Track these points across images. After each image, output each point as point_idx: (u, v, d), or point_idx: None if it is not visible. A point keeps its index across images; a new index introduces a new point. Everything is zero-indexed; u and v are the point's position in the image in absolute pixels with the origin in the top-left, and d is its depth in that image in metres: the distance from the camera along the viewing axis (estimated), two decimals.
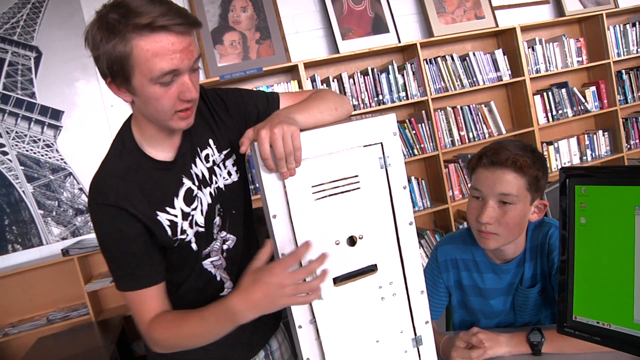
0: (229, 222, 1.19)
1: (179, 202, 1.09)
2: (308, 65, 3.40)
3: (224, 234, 1.18)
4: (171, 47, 0.92)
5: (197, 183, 1.11)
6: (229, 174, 1.18)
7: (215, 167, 1.15)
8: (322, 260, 0.92)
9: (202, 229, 1.13)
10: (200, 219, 1.12)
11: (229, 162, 1.18)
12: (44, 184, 3.17)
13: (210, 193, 1.14)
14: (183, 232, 1.10)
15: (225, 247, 1.19)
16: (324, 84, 3.44)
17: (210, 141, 1.15)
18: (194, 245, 1.13)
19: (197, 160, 1.13)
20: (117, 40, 0.91)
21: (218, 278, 1.20)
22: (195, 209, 1.11)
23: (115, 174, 1.05)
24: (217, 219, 1.16)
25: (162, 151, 1.10)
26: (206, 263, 1.17)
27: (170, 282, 1.14)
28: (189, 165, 1.11)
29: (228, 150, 1.17)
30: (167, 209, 1.07)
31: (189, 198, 1.10)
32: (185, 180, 1.10)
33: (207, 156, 1.14)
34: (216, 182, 1.15)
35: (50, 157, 3.17)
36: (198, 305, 1.16)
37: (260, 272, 0.91)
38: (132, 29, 0.90)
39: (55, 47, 3.16)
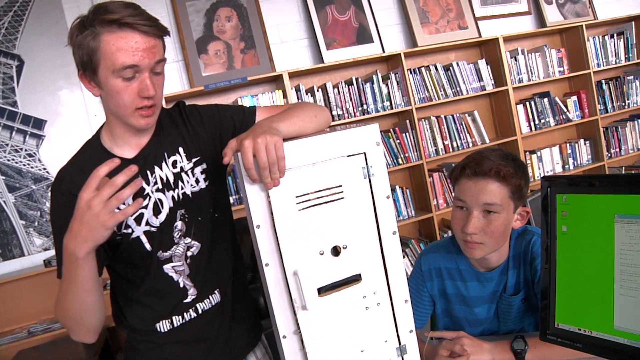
0: (195, 229, 1.21)
1: (129, 199, 1.13)
2: (292, 75, 3.40)
3: (188, 240, 1.20)
4: (134, 44, 1.01)
5: (159, 185, 1.17)
6: (197, 181, 1.22)
7: (183, 174, 1.20)
8: (128, 173, 0.92)
9: (154, 229, 1.16)
10: (152, 218, 1.16)
11: (197, 170, 1.22)
12: (26, 194, 3.13)
13: (173, 197, 1.18)
14: (127, 227, 1.14)
15: (189, 253, 1.21)
16: (309, 94, 3.44)
17: (180, 149, 1.21)
18: (147, 245, 1.16)
19: (163, 164, 1.19)
20: (88, 32, 1.01)
21: (181, 285, 1.21)
22: (145, 207, 1.15)
23: (75, 165, 1.15)
24: (180, 224, 1.19)
25: (126, 150, 1.16)
26: (167, 267, 1.19)
27: (129, 280, 1.20)
28: (149, 167, 1.17)
29: (198, 158, 1.22)
30: None
31: (138, 196, 1.13)
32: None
33: (174, 162, 1.20)
34: (182, 188, 1.20)
35: (32, 167, 3.13)
36: (162, 311, 1.21)
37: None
38: (101, 23, 1.00)
39: (37, 56, 3.13)
